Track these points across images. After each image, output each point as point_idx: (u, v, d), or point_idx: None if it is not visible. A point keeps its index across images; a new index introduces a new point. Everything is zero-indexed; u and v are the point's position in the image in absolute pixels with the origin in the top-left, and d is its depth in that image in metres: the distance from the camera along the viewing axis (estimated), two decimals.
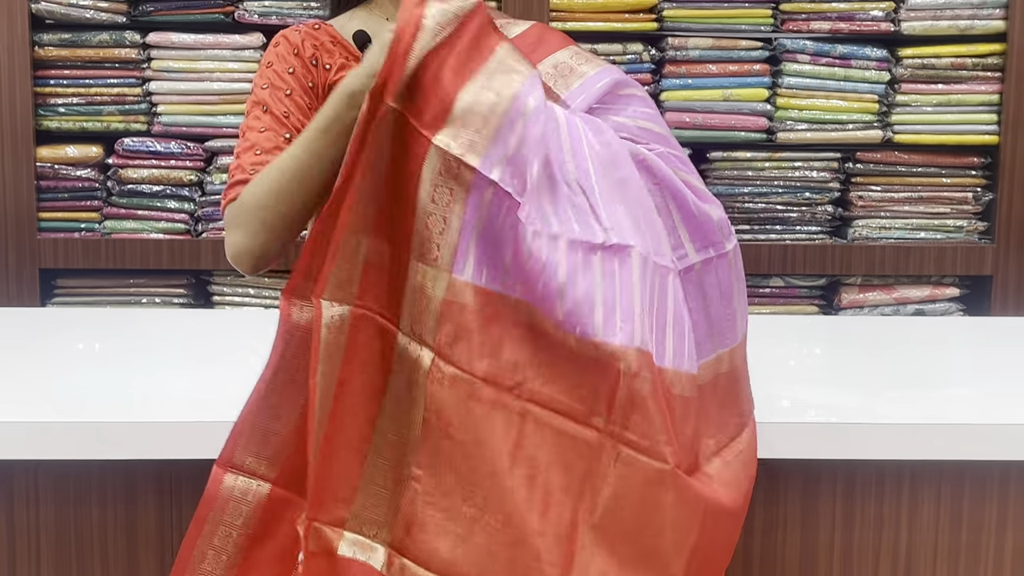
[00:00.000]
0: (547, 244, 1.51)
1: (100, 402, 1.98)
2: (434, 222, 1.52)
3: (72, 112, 3.23)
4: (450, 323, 1.52)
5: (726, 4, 3.21)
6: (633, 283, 1.55)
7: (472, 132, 1.51)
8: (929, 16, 3.22)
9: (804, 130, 3.25)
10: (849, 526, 1.94)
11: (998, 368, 2.27)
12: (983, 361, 2.34)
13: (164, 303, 3.28)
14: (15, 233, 3.19)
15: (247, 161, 1.68)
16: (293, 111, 1.70)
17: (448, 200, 1.51)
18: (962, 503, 1.93)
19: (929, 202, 3.29)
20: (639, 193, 1.64)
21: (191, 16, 3.21)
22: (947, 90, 3.24)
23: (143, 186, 3.24)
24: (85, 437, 1.85)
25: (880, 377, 2.19)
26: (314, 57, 1.72)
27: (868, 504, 1.94)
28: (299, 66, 1.72)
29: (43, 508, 1.90)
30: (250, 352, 2.34)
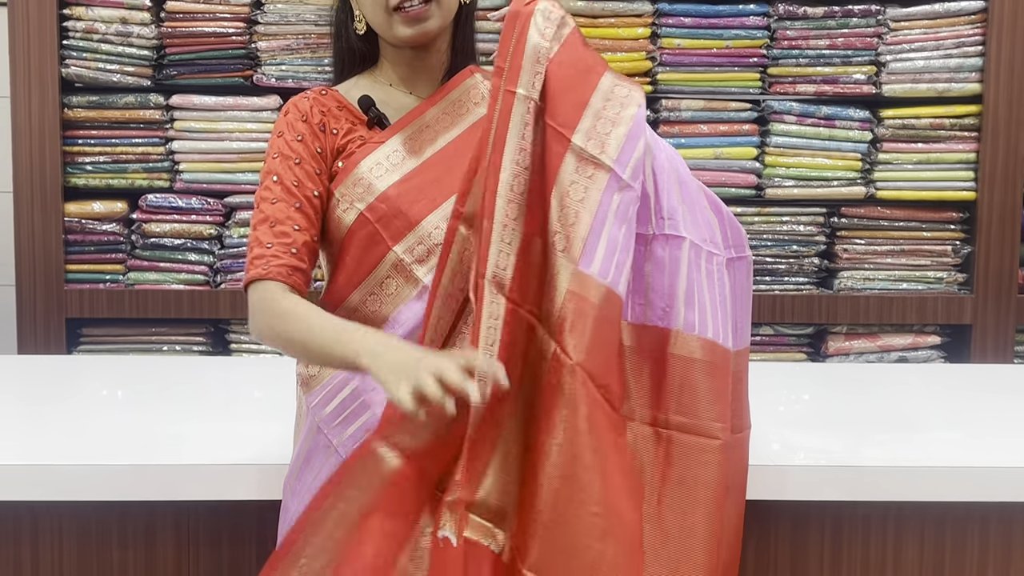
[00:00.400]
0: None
1: (122, 446, 1.97)
2: (567, 216, 1.57)
3: (99, 170, 3.25)
4: (570, 315, 1.54)
5: (716, 68, 3.23)
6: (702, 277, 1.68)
7: (603, 136, 1.60)
8: (909, 79, 3.23)
9: (791, 186, 3.26)
10: (837, 565, 1.93)
11: (978, 413, 2.26)
12: (963, 406, 2.34)
13: (184, 351, 3.27)
14: (43, 284, 3.20)
15: (264, 236, 1.66)
16: (303, 179, 1.69)
17: (582, 196, 1.57)
18: (944, 542, 1.92)
19: (911, 255, 3.29)
20: (697, 194, 1.74)
21: (212, 79, 3.23)
22: (926, 149, 3.25)
23: (165, 240, 3.25)
24: (107, 479, 1.84)
25: (866, 421, 2.18)
26: (322, 123, 1.72)
27: (855, 544, 1.92)
28: (308, 133, 1.71)
29: (66, 549, 1.89)
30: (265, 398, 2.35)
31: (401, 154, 1.71)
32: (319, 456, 1.69)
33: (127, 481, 1.84)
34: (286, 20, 3.20)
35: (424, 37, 1.71)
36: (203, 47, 3.22)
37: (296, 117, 1.72)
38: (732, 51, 3.22)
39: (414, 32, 1.70)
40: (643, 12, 3.21)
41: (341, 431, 1.68)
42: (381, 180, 1.69)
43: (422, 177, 1.68)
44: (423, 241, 1.67)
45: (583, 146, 1.59)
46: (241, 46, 3.21)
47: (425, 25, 1.69)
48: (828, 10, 3.22)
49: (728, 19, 3.21)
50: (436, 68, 1.77)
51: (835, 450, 1.98)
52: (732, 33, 3.22)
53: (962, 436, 2.10)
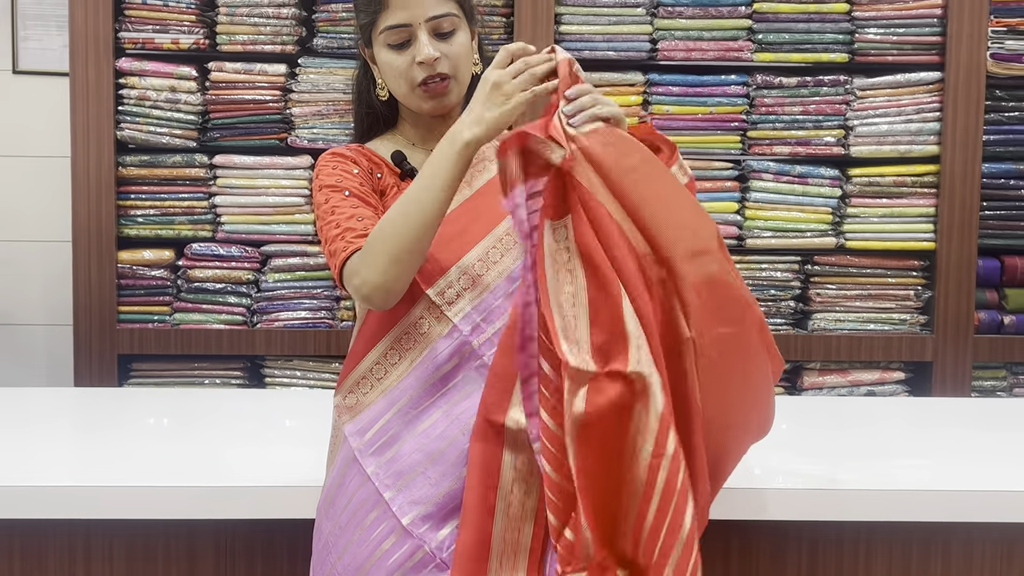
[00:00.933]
0: None
1: (167, 469, 1.97)
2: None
3: (149, 221, 3.26)
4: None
5: (701, 132, 3.24)
6: None
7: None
8: (874, 142, 3.25)
9: (769, 237, 3.26)
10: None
11: (939, 442, 2.25)
12: (926, 436, 2.33)
13: (223, 384, 3.27)
14: (98, 324, 3.20)
15: (354, 225, 1.61)
16: (368, 195, 1.66)
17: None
18: (911, 559, 1.91)
19: (877, 299, 3.29)
20: None
21: (250, 141, 3.25)
22: (890, 204, 3.26)
23: (207, 284, 3.26)
24: (153, 500, 1.84)
25: (838, 449, 2.17)
26: (369, 167, 1.71)
27: (830, 560, 1.91)
28: (361, 170, 1.69)
29: (116, 564, 1.88)
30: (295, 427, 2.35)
31: None
32: (354, 482, 1.65)
33: (171, 501, 1.84)
34: (317, 89, 3.23)
35: (444, 109, 1.72)
36: (243, 112, 3.24)
37: (345, 159, 1.70)
38: (715, 116, 3.24)
39: (435, 105, 1.70)
40: (636, 82, 3.23)
41: (375, 460, 1.64)
42: None
43: (449, 228, 1.65)
44: (453, 285, 1.64)
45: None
46: (277, 112, 3.24)
47: (445, 99, 1.70)
48: (801, 80, 3.24)
49: (712, 88, 3.24)
50: None
51: (811, 474, 1.97)
52: (715, 101, 3.23)
53: (926, 462, 2.10)
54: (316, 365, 3.28)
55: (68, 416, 2.47)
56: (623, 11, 3.21)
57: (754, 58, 3.23)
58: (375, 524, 1.61)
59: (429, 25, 1.67)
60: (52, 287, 3.58)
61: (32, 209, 3.59)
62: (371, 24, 1.70)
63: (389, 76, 1.71)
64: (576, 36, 3.21)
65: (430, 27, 1.67)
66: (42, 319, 3.63)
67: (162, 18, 3.21)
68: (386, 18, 1.67)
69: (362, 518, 1.62)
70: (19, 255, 3.61)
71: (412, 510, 1.59)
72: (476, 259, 1.66)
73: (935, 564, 1.91)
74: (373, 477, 1.63)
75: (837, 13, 3.22)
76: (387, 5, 1.67)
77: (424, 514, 1.59)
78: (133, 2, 3.21)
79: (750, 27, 3.23)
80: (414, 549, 1.58)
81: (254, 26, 3.22)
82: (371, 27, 1.70)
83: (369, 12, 1.69)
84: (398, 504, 1.60)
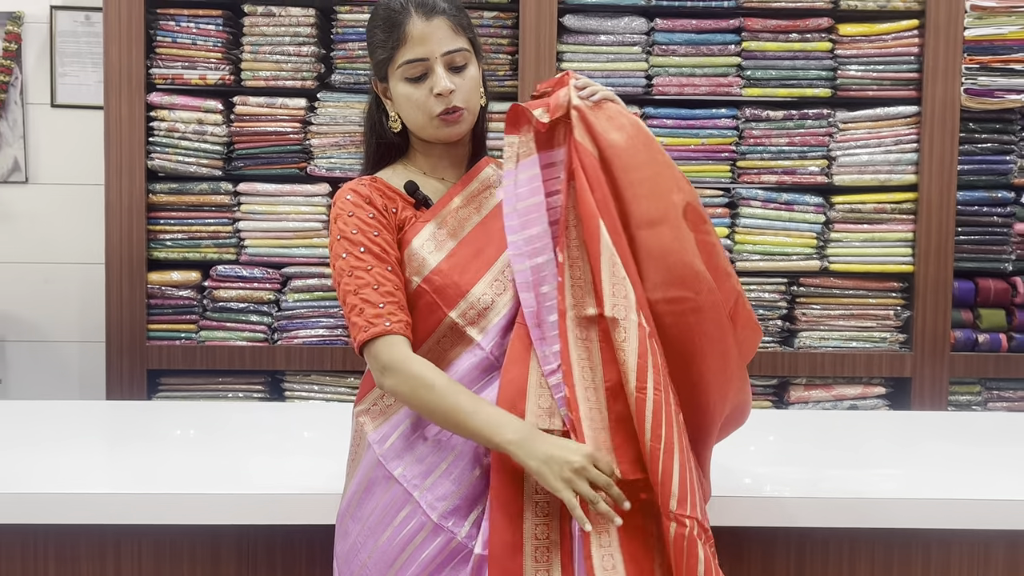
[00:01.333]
0: None
1: (193, 478, 1.96)
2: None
3: (177, 245, 3.26)
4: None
5: (694, 161, 3.24)
6: None
7: None
8: (855, 171, 3.24)
9: (757, 260, 3.26)
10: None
11: (918, 453, 2.24)
12: (906, 447, 2.32)
13: (246, 397, 3.27)
14: (128, 341, 3.20)
15: (372, 297, 1.61)
16: (386, 247, 1.65)
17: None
18: (892, 562, 1.89)
19: (859, 318, 3.28)
20: None
21: (272, 170, 3.25)
22: (871, 229, 3.25)
23: (231, 303, 3.25)
24: (179, 506, 1.83)
25: (823, 459, 2.16)
26: (384, 205, 1.70)
27: (816, 563, 1.90)
28: (376, 212, 1.67)
29: (144, 566, 1.87)
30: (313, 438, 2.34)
31: (444, 232, 1.70)
32: (380, 486, 1.66)
33: (196, 508, 1.83)
34: (334, 121, 3.23)
35: (456, 137, 1.73)
36: (265, 143, 3.25)
37: (360, 200, 1.68)
38: (707, 147, 3.24)
39: (450, 132, 1.71)
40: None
41: (400, 463, 1.65)
42: (432, 256, 1.67)
43: (464, 252, 1.67)
44: (473, 306, 1.66)
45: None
46: (297, 143, 3.24)
47: (458, 128, 1.71)
48: (787, 113, 3.24)
49: (703, 121, 3.24)
50: (460, 158, 1.78)
51: (797, 483, 1.96)
52: (707, 132, 3.24)
53: (905, 472, 2.08)
54: (332, 380, 3.27)
55: (100, 428, 2.47)
56: (621, 49, 3.22)
57: (743, 93, 3.23)
58: (406, 521, 1.62)
59: (445, 59, 1.68)
60: (86, 306, 3.59)
61: (68, 233, 3.59)
62: (389, 59, 1.70)
63: (406, 108, 1.71)
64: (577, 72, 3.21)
65: (445, 61, 1.68)
66: (76, 336, 3.63)
67: (190, 56, 3.22)
68: (404, 53, 1.68)
69: (392, 517, 1.63)
70: (56, 276, 3.62)
71: (440, 505, 1.61)
72: (493, 279, 1.68)
73: (915, 568, 1.90)
74: (400, 479, 1.64)
75: (820, 51, 3.22)
76: (405, 41, 1.67)
77: (451, 508, 1.61)
78: (164, 41, 3.22)
79: (739, 64, 3.23)
80: (447, 541, 1.60)
81: (276, 63, 3.23)
82: (389, 62, 1.70)
83: (388, 48, 1.70)
84: (427, 501, 1.61)
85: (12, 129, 3.57)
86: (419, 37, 1.67)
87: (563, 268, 1.62)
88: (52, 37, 3.54)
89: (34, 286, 3.62)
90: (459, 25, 1.70)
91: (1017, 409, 3.28)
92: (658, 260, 1.60)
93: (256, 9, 3.22)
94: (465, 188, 1.74)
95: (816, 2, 3.20)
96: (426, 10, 1.67)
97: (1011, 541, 1.88)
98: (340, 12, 3.22)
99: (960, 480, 2.00)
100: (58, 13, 3.53)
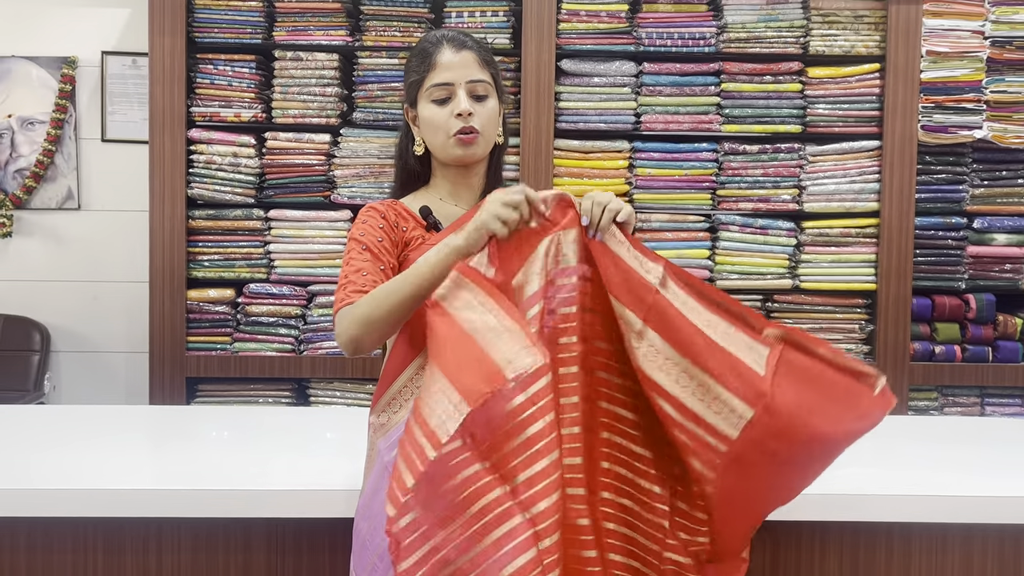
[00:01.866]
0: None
1: (227, 475, 1.96)
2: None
3: (213, 265, 3.27)
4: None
5: (678, 190, 3.25)
6: None
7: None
8: (823, 199, 3.25)
9: (735, 279, 3.26)
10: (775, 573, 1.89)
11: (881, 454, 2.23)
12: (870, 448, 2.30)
13: (275, 402, 3.27)
14: (170, 351, 3.20)
15: (356, 279, 1.63)
16: (385, 251, 1.68)
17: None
18: (858, 553, 1.89)
19: (827, 331, 3.28)
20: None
21: (299, 198, 3.27)
22: (838, 251, 3.26)
23: (262, 318, 3.26)
24: (215, 501, 1.83)
25: None
26: (396, 222, 1.72)
27: (789, 556, 1.89)
28: (387, 225, 1.70)
29: (183, 555, 1.87)
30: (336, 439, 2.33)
31: None
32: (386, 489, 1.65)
33: (230, 502, 1.83)
34: (356, 154, 3.24)
35: (471, 159, 1.73)
36: (294, 174, 3.26)
37: (376, 214, 1.71)
38: (690, 178, 3.25)
39: (464, 153, 1.71)
40: (622, 149, 3.25)
41: None
42: None
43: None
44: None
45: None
46: (322, 173, 3.25)
47: (473, 149, 1.71)
48: (762, 147, 3.25)
49: (687, 154, 3.25)
50: (476, 187, 1.78)
51: None
52: (689, 164, 3.25)
53: (870, 471, 2.08)
54: (353, 386, 3.28)
55: (144, 430, 2.46)
56: (612, 90, 3.23)
57: (722, 129, 3.25)
58: None
59: (468, 86, 1.70)
60: (131, 320, 3.59)
61: (116, 255, 3.60)
62: (420, 82, 1.73)
63: (428, 128, 1.73)
64: (573, 111, 3.23)
65: (468, 88, 1.70)
66: (122, 347, 3.63)
67: (227, 96, 3.24)
68: (433, 77, 1.71)
69: None
70: (104, 293, 3.63)
71: None
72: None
73: (879, 556, 1.89)
74: None
75: (791, 92, 3.23)
76: (435, 67, 1.70)
77: None
78: (203, 82, 3.24)
79: (718, 103, 3.24)
80: None
81: (303, 102, 3.25)
82: (419, 85, 1.73)
83: (420, 72, 1.72)
84: None
85: (67, 161, 3.58)
86: (447, 64, 1.70)
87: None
88: (103, 79, 3.56)
89: (85, 302, 3.63)
90: (484, 61, 1.73)
91: (970, 413, 3.28)
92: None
93: (286, 54, 3.24)
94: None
95: (787, 48, 3.22)
96: (457, 44, 1.72)
97: (966, 532, 1.87)
98: (361, 57, 3.24)
99: (920, 478, 1.99)
100: (108, 58, 3.55)
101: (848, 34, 3.21)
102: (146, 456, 2.21)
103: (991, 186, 3.25)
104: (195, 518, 1.85)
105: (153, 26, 3.15)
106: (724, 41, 3.21)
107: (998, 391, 3.30)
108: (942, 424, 2.64)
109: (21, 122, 3.57)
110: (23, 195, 3.57)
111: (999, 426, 2.50)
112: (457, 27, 3.04)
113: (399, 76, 3.22)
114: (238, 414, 2.77)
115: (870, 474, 2.05)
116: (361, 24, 3.23)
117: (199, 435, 2.39)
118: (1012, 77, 3.21)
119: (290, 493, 1.84)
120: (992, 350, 3.27)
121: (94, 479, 1.90)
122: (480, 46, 1.74)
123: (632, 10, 3.23)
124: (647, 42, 3.21)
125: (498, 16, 3.21)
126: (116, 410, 2.76)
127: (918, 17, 3.15)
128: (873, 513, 1.85)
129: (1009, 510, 1.84)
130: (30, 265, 3.62)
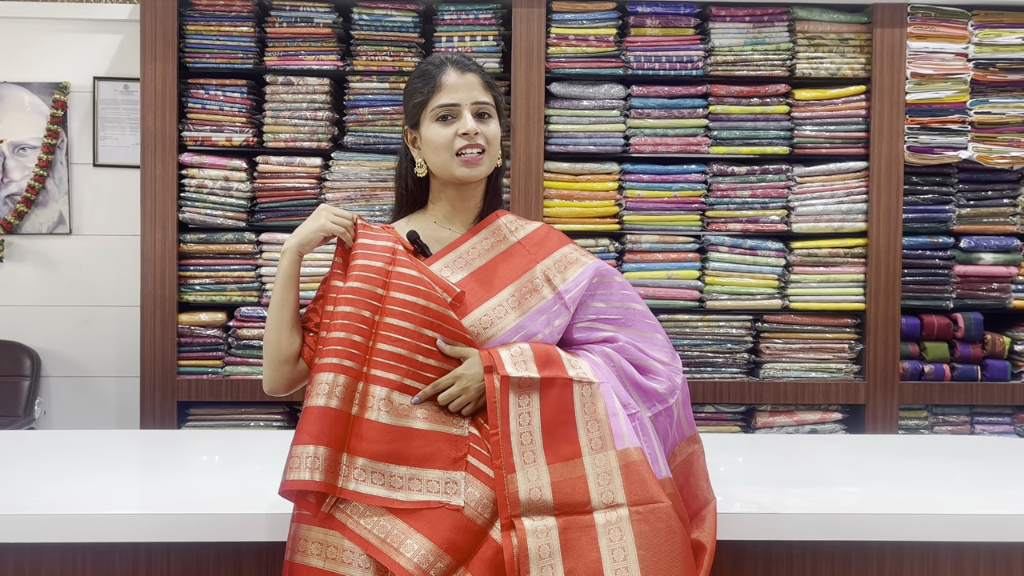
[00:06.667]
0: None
1: (218, 499, 1.95)
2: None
3: (204, 289, 3.27)
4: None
5: (667, 212, 3.26)
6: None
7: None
8: (812, 220, 3.27)
9: (725, 299, 3.27)
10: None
11: (872, 472, 2.24)
12: (861, 467, 2.31)
13: (266, 426, 3.25)
14: (160, 375, 3.19)
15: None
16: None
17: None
18: (850, 572, 1.88)
19: (817, 351, 3.29)
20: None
21: (291, 222, 3.26)
22: (826, 271, 3.27)
23: (253, 341, 3.25)
24: (206, 525, 1.82)
25: (786, 478, 2.16)
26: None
27: (780, 573, 1.88)
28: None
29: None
30: None
31: (449, 271, 1.72)
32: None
33: (221, 527, 1.82)
34: (347, 178, 3.25)
35: (473, 178, 1.74)
36: (285, 198, 3.26)
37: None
38: (679, 199, 3.26)
39: (468, 172, 1.72)
40: (612, 171, 3.26)
41: None
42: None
43: (471, 284, 1.71)
44: (474, 327, 1.69)
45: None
46: (313, 196, 3.26)
47: (476, 167, 1.72)
48: (750, 169, 3.27)
49: (676, 175, 3.26)
50: (472, 209, 1.79)
51: (764, 501, 1.95)
52: (679, 186, 3.26)
53: (861, 489, 2.08)
54: None
55: (134, 454, 2.45)
56: (601, 112, 3.25)
57: (710, 151, 3.26)
58: None
59: (473, 107, 1.72)
60: (122, 344, 3.58)
61: (107, 279, 3.60)
62: (424, 103, 1.74)
63: (431, 147, 1.73)
64: (563, 133, 3.24)
65: (474, 109, 1.72)
66: (113, 371, 3.62)
67: (218, 120, 3.24)
68: (439, 98, 1.72)
69: None
70: (95, 317, 3.61)
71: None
72: (483, 314, 1.69)
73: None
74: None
75: (779, 114, 3.26)
76: (441, 88, 1.72)
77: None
78: (194, 107, 3.24)
79: (707, 126, 3.26)
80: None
81: (294, 126, 3.26)
82: (423, 106, 1.74)
83: (424, 93, 1.74)
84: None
85: (58, 186, 3.58)
86: (453, 86, 1.72)
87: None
88: (95, 104, 3.56)
89: (75, 326, 3.61)
90: (487, 83, 1.76)
91: (960, 432, 3.28)
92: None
93: (276, 79, 3.25)
94: (475, 235, 1.77)
95: (774, 70, 3.25)
96: (461, 66, 1.74)
97: (957, 551, 1.87)
98: (351, 81, 3.25)
99: (910, 497, 1.99)
100: (100, 83, 3.56)
101: (834, 56, 3.24)
102: (136, 480, 2.19)
103: (977, 206, 3.27)
104: (185, 542, 1.84)
105: (145, 52, 3.16)
106: (711, 64, 3.23)
107: (987, 410, 3.31)
108: (932, 443, 2.65)
109: (13, 148, 3.57)
110: (14, 220, 3.57)
111: (989, 444, 2.50)
112: (457, 51, 3.07)
113: (390, 100, 3.23)
114: (229, 438, 2.75)
115: (861, 493, 2.05)
116: (352, 49, 3.25)
117: (190, 459, 2.37)
118: (996, 98, 3.24)
119: (281, 517, 1.83)
120: (981, 369, 3.28)
121: (84, 504, 1.89)
122: (482, 69, 1.78)
123: (620, 34, 3.25)
124: (635, 65, 3.23)
125: (488, 40, 3.23)
126: (106, 435, 2.75)
127: (903, 40, 3.18)
128: (864, 532, 1.85)
129: (1000, 528, 1.84)
130: (21, 290, 3.61)
